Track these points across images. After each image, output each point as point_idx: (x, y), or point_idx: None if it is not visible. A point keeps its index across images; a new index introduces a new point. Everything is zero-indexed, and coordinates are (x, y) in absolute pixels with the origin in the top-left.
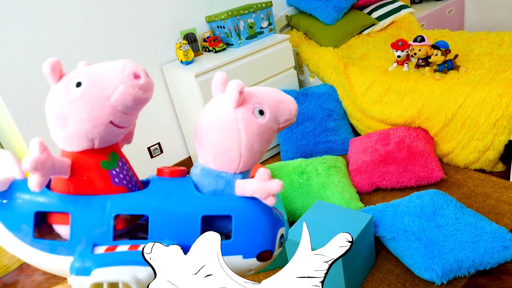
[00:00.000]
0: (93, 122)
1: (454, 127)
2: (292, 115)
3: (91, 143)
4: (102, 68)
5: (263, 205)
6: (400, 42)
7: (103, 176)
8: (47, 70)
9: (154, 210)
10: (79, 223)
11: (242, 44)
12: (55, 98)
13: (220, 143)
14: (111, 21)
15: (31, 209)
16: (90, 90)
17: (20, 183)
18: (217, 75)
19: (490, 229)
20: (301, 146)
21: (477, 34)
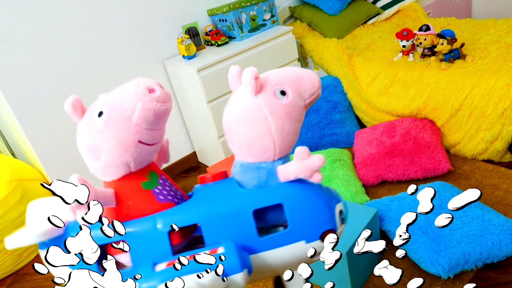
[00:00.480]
0: (123, 146)
1: (461, 117)
2: (315, 87)
3: (128, 168)
4: (117, 92)
5: (312, 185)
6: (405, 31)
7: (147, 197)
8: (69, 110)
9: (204, 217)
10: (137, 248)
11: (245, 37)
12: (83, 133)
13: (250, 135)
14: (113, 16)
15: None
16: (111, 116)
17: (73, 224)
18: (231, 69)
19: (498, 222)
20: (306, 139)
21: (484, 22)
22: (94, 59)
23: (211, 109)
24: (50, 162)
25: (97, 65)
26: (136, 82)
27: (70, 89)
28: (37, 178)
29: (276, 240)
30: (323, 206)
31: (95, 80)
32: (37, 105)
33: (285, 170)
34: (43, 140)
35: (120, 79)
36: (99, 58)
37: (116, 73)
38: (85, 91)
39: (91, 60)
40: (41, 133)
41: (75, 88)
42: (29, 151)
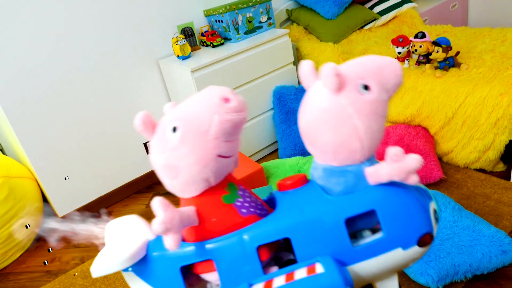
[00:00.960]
0: (202, 162)
1: (455, 126)
2: (399, 76)
3: (207, 183)
4: (190, 105)
5: (404, 185)
6: (400, 38)
7: (229, 211)
8: (140, 127)
9: (293, 230)
10: (225, 266)
11: (241, 38)
12: (157, 151)
13: (335, 137)
14: (107, 14)
15: (175, 266)
16: (187, 131)
17: (154, 243)
18: (304, 64)
19: (488, 233)
20: (299, 143)
21: (480, 30)
22: (86, 56)
23: None
24: (39, 160)
25: (89, 62)
26: (208, 93)
27: (61, 86)
28: (26, 175)
29: (371, 250)
30: (418, 208)
31: (87, 77)
32: (27, 102)
33: (376, 172)
34: (32, 138)
35: (114, 77)
36: (92, 55)
37: (109, 70)
38: (77, 88)
39: (84, 56)
40: (30, 130)
41: (66, 86)
42: (18, 148)
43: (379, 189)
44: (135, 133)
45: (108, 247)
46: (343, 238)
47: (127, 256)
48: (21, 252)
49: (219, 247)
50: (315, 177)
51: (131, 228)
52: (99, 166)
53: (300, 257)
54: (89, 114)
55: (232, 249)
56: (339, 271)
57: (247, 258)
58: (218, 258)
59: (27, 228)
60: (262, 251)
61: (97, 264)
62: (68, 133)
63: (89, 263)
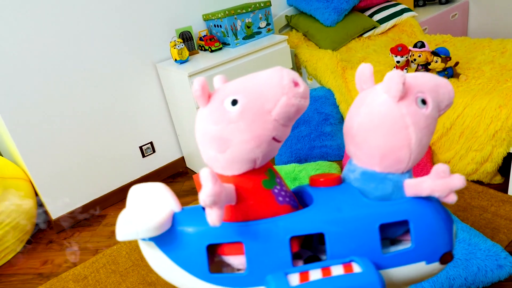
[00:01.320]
0: (256, 141)
1: (452, 136)
2: (451, 98)
3: (253, 164)
4: (256, 80)
5: (438, 203)
6: (399, 47)
7: (267, 197)
8: (198, 92)
9: (329, 226)
10: (254, 251)
11: (239, 44)
12: (209, 121)
13: (387, 143)
14: (106, 16)
15: (203, 243)
16: (249, 107)
17: (181, 216)
18: (363, 67)
19: (484, 246)
20: (296, 150)
21: (480, 41)
22: (84, 58)
23: None
24: (33, 161)
25: (87, 65)
26: (279, 72)
27: (58, 88)
28: (20, 176)
29: (398, 259)
30: (446, 226)
31: (84, 79)
32: (23, 104)
33: (417, 185)
34: (27, 139)
35: (111, 79)
36: (89, 57)
37: (106, 73)
38: (74, 90)
39: (81, 58)
40: (25, 132)
41: (63, 88)
42: (13, 149)
43: (415, 201)
44: (131, 136)
45: (131, 211)
46: (375, 242)
47: (155, 225)
48: (13, 254)
49: (253, 231)
50: (351, 179)
51: (156, 196)
52: (94, 169)
53: (332, 254)
54: (85, 116)
55: (265, 235)
56: (377, 273)
57: (279, 247)
58: (249, 242)
59: None
60: (292, 243)
61: (121, 227)
62: (64, 135)
63: (81, 267)
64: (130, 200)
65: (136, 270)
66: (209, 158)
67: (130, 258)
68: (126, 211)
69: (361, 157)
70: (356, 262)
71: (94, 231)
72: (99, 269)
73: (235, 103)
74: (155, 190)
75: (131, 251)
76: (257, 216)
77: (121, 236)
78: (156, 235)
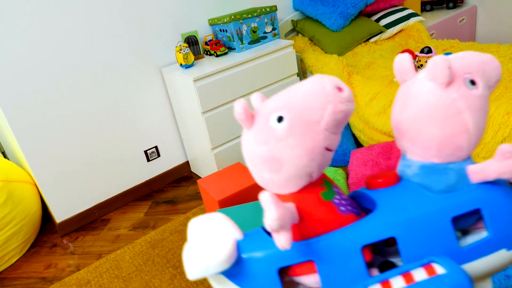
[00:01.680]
0: (310, 155)
1: None
2: (499, 74)
3: (310, 178)
4: (298, 93)
5: (508, 186)
6: (406, 52)
7: (329, 209)
8: (241, 116)
9: (400, 229)
10: (327, 268)
11: (245, 48)
12: (257, 143)
13: (442, 132)
14: (112, 19)
15: (273, 267)
16: (296, 121)
17: (244, 243)
18: (401, 57)
19: None
20: None
21: (488, 46)
22: (89, 62)
23: (206, 120)
24: (38, 165)
25: (92, 69)
26: (320, 81)
27: (63, 92)
28: (25, 179)
29: (477, 250)
30: None
31: (90, 83)
32: (28, 107)
33: (482, 170)
34: (32, 142)
35: (116, 83)
36: (95, 61)
37: (112, 77)
38: (79, 94)
39: (87, 62)
40: (30, 135)
41: (68, 91)
42: (18, 152)
43: (484, 187)
44: (136, 140)
45: (194, 246)
46: (450, 237)
47: (224, 258)
48: (17, 257)
49: (322, 246)
50: (409, 175)
51: (215, 226)
52: (99, 172)
53: (408, 257)
54: (90, 119)
55: (335, 249)
56: (463, 271)
57: (351, 259)
58: (320, 259)
59: None
60: (364, 252)
61: (190, 266)
62: (69, 138)
63: (85, 271)
64: (191, 234)
65: (139, 275)
66: (264, 180)
67: (134, 263)
68: (189, 247)
69: (416, 151)
70: (436, 262)
71: (98, 235)
72: (102, 273)
73: (281, 120)
74: (213, 220)
75: (134, 256)
76: (322, 231)
77: (192, 275)
78: (226, 268)
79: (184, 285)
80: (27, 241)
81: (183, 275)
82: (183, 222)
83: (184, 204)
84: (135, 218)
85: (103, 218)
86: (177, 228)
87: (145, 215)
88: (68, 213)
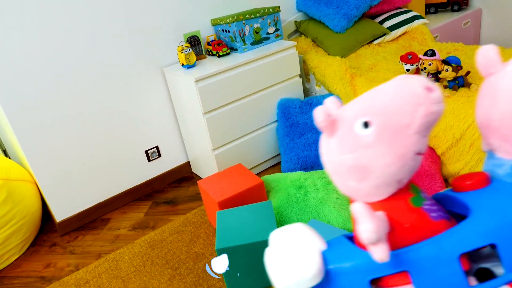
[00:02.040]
0: (400, 161)
1: (462, 147)
2: None
3: (399, 185)
4: (383, 96)
5: None
6: (410, 55)
7: (420, 216)
8: (324, 124)
9: (500, 235)
10: (422, 278)
11: (247, 49)
12: (342, 151)
13: None
14: (113, 19)
15: (364, 279)
16: (385, 127)
17: (330, 254)
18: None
19: None
20: (302, 157)
21: None
22: (91, 61)
23: (207, 120)
24: (38, 163)
25: (93, 68)
26: (407, 82)
27: (64, 91)
28: (25, 178)
29: None
30: None
31: (91, 82)
32: (29, 106)
33: None
34: (33, 141)
35: (117, 83)
36: (96, 60)
37: (113, 76)
38: (80, 93)
39: (88, 61)
40: (31, 133)
41: (69, 91)
42: (19, 150)
43: None
44: (136, 140)
45: (280, 259)
46: None
47: (316, 272)
48: (17, 256)
49: (416, 256)
50: (499, 174)
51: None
52: (100, 172)
53: (509, 265)
54: (91, 119)
55: (431, 258)
56: None
57: (449, 269)
58: (415, 269)
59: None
60: (462, 261)
61: (280, 280)
62: (70, 137)
63: (84, 271)
64: (274, 246)
65: (138, 276)
66: (349, 189)
67: (133, 264)
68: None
69: (509, 149)
70: None
71: (97, 235)
72: (101, 274)
73: (367, 126)
74: (296, 231)
75: (134, 256)
76: (414, 239)
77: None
78: (317, 283)
79: (183, 286)
80: (27, 240)
81: (182, 276)
82: (183, 223)
83: (184, 204)
84: (135, 218)
85: (103, 218)
86: (177, 229)
87: (145, 215)
88: (68, 213)
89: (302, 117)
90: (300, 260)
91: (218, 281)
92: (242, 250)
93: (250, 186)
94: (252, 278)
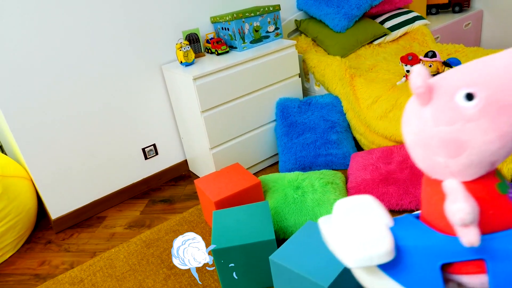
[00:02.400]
0: (502, 140)
1: None
2: None
3: (491, 167)
4: (492, 68)
5: None
6: (410, 56)
7: (506, 203)
8: (421, 89)
9: None
10: (501, 270)
11: (246, 47)
12: (438, 122)
13: None
14: (111, 16)
15: (436, 262)
16: (491, 101)
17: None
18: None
19: None
20: (300, 157)
21: (493, 52)
22: (88, 57)
23: (205, 119)
24: (34, 160)
25: (91, 64)
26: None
27: (62, 89)
28: (21, 175)
29: None
30: None
31: (88, 79)
32: (26, 103)
33: None
34: (29, 138)
35: (115, 80)
36: (94, 57)
37: (111, 73)
38: (77, 90)
39: (85, 58)
40: (27, 130)
41: (66, 88)
42: (15, 147)
43: None
44: (133, 137)
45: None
46: None
47: (389, 249)
48: (11, 253)
49: (498, 245)
50: None
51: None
52: (96, 169)
53: None
54: (88, 116)
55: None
56: None
57: None
58: (494, 258)
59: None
60: None
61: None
62: (66, 135)
63: (78, 269)
64: (338, 216)
65: (133, 275)
66: (434, 165)
67: (128, 263)
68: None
69: None
70: None
71: (93, 233)
72: (96, 272)
73: (470, 98)
74: (363, 203)
75: (129, 255)
76: (496, 228)
77: (353, 262)
78: (389, 260)
79: (178, 286)
80: (22, 237)
81: (177, 276)
82: (179, 221)
83: (181, 203)
84: (131, 217)
85: (98, 216)
86: (173, 228)
87: (141, 214)
88: (63, 210)
89: (301, 117)
90: (373, 234)
91: (213, 281)
92: (237, 251)
93: (247, 186)
94: (247, 279)
